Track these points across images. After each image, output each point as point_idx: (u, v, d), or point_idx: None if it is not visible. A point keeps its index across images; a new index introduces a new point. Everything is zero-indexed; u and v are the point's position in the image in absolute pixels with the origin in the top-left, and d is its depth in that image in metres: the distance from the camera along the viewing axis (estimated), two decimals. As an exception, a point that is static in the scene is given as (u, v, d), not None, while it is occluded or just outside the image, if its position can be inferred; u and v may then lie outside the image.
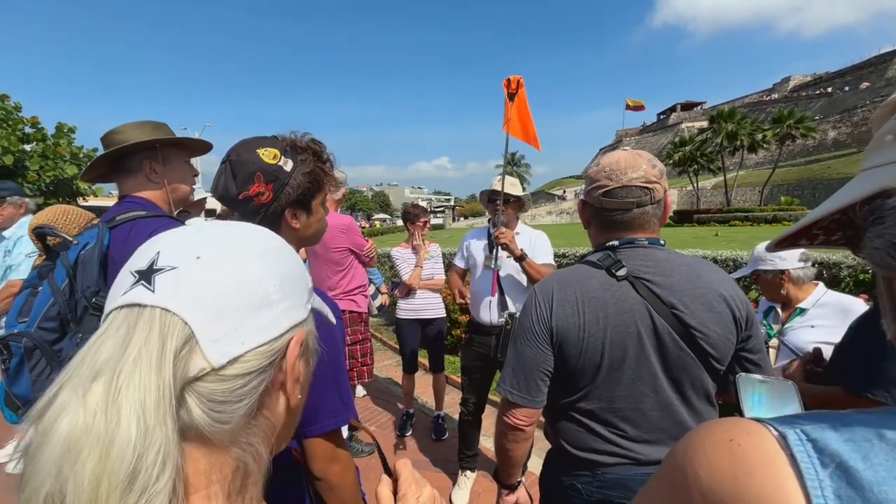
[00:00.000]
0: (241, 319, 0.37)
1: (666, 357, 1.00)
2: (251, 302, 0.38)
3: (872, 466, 0.28)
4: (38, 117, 6.76)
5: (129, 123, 1.40)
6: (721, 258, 4.63)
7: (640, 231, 1.07)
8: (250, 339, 0.38)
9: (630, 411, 1.02)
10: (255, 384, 0.38)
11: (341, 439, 0.93)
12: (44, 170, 6.47)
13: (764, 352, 1.08)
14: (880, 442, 0.29)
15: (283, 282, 0.42)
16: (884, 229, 0.33)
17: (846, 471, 0.29)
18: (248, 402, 0.38)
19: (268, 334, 0.39)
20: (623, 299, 1.00)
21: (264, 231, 0.46)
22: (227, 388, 0.36)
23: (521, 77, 2.47)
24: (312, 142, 0.99)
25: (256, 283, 0.39)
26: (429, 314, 3.32)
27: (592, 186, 1.08)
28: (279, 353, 0.40)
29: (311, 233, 1.02)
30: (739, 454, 0.33)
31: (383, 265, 6.80)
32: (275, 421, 0.43)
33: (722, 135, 36.21)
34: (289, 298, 0.42)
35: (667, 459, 0.40)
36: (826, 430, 0.31)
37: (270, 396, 0.41)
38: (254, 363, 0.38)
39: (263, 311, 0.39)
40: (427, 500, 0.54)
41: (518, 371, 1.06)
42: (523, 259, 2.31)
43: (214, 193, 0.96)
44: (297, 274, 0.45)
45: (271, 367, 0.40)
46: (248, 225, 0.45)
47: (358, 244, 2.74)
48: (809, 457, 0.30)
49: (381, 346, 5.68)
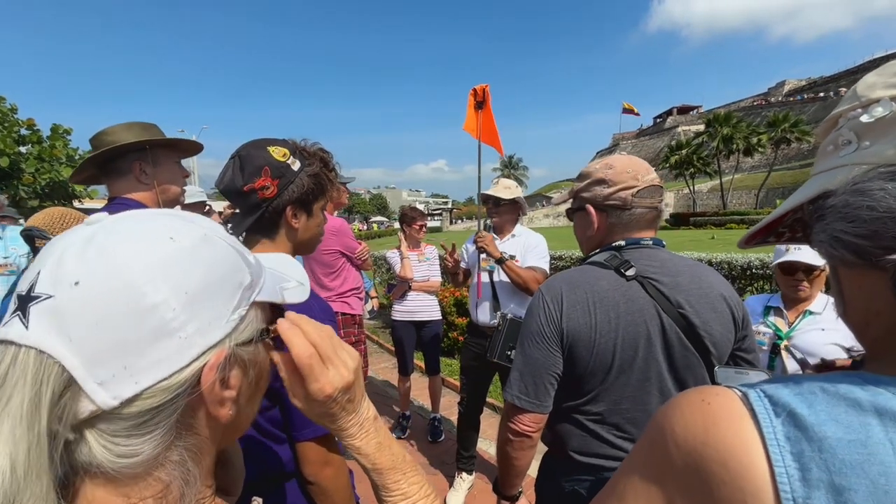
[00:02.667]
0: (132, 356, 0.33)
1: (672, 357, 1.00)
2: (142, 335, 0.33)
3: (815, 412, 0.34)
4: (33, 119, 6.75)
5: (118, 125, 1.40)
6: (717, 261, 4.65)
7: (651, 230, 1.09)
8: (145, 376, 0.33)
9: (637, 412, 1.01)
10: (162, 417, 0.35)
11: (334, 443, 0.92)
12: (39, 172, 6.45)
13: (756, 352, 1.09)
14: (822, 393, 0.36)
15: (191, 299, 0.35)
16: (825, 224, 0.39)
17: (793, 416, 0.35)
18: (158, 433, 0.35)
19: (168, 368, 0.34)
20: (633, 299, 1.00)
21: (173, 226, 0.38)
22: (128, 425, 0.33)
23: (488, 86, 2.60)
24: (321, 150, 1.02)
25: (149, 310, 0.33)
26: (423, 316, 3.31)
27: (619, 187, 1.05)
28: (189, 382, 0.35)
29: (308, 236, 1.03)
30: (708, 410, 0.39)
31: (379, 268, 6.79)
32: (206, 438, 0.40)
33: (718, 138, 36.46)
34: (199, 318, 0.36)
35: (648, 424, 0.46)
36: (780, 388, 0.37)
37: (193, 418, 0.38)
38: (155, 399, 0.34)
39: (161, 342, 0.34)
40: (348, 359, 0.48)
41: (526, 375, 1.03)
42: (502, 262, 2.31)
43: (219, 186, 0.97)
44: (216, 279, 0.38)
45: (182, 395, 0.35)
46: (152, 221, 0.38)
47: (349, 247, 2.71)
48: (766, 408, 0.36)
49: (377, 348, 5.67)
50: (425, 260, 3.38)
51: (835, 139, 0.42)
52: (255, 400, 0.46)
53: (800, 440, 0.34)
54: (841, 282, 0.43)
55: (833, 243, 0.39)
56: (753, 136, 36.41)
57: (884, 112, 0.37)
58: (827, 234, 0.39)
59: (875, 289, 0.38)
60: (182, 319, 0.35)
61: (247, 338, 0.41)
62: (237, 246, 0.42)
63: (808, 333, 1.70)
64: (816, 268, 1.68)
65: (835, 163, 0.41)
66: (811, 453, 0.33)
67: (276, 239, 0.97)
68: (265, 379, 0.47)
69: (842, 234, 0.38)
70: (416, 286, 3.29)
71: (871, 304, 0.39)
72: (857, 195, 0.36)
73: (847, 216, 0.37)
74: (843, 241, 0.38)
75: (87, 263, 0.33)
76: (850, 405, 0.34)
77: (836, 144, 0.41)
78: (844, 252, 0.38)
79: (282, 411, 0.90)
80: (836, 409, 0.34)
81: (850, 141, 0.40)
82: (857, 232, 0.36)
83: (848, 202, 0.37)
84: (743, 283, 4.45)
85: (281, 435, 0.92)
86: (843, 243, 0.38)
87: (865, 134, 0.39)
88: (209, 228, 0.40)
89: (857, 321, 0.42)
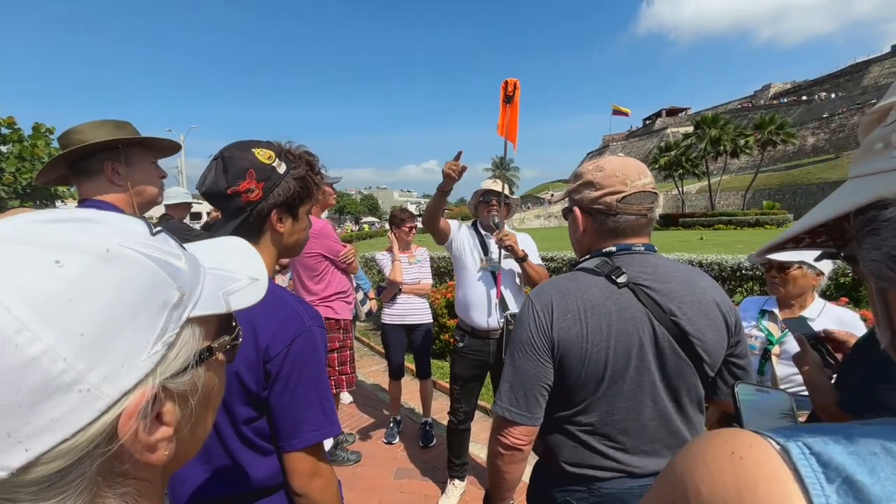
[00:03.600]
0: (14, 422, 0.26)
1: (664, 365, 0.98)
2: (22, 397, 0.26)
3: (880, 481, 0.28)
4: (14, 118, 6.59)
5: (89, 122, 1.34)
6: (706, 262, 4.69)
7: (641, 237, 1.06)
8: (37, 442, 0.27)
9: (629, 422, 1.00)
10: (74, 476, 0.29)
11: (323, 453, 0.90)
12: (20, 172, 6.30)
13: (749, 357, 1.08)
14: (886, 455, 0.29)
15: (90, 342, 0.28)
16: (880, 241, 0.32)
17: (853, 485, 0.28)
18: (73, 491, 0.29)
19: (68, 428, 0.28)
20: (625, 307, 0.98)
21: (65, 240, 0.30)
22: (31, 490, 0.28)
23: (518, 80, 2.48)
24: (307, 153, 1.00)
25: (27, 366, 0.26)
26: (414, 320, 3.27)
27: (605, 192, 1.03)
28: (102, 437, 0.29)
29: (293, 241, 1.00)
30: (742, 468, 0.32)
31: (370, 269, 6.75)
32: (143, 479, 0.35)
33: (706, 140, 36.95)
34: (105, 361, 0.29)
35: (664, 473, 0.39)
36: (829, 444, 0.30)
37: (121, 465, 0.32)
38: (59, 463, 0.28)
39: (52, 400, 0.27)
40: None
41: (516, 387, 1.00)
42: (524, 260, 2.27)
43: (200, 189, 0.94)
44: (127, 307, 0.30)
45: (95, 453, 0.29)
46: (35, 235, 0.30)
47: (332, 250, 2.64)
48: (814, 471, 0.29)
49: (368, 351, 5.62)
50: (416, 262, 3.34)
51: (885, 136, 0.34)
52: (206, 419, 0.41)
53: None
54: (890, 307, 0.36)
55: (890, 263, 0.32)
56: (740, 138, 36.95)
57: None
58: (882, 253, 0.33)
59: None
60: (79, 369, 0.28)
61: (180, 367, 0.34)
62: (158, 253, 0.34)
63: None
64: (789, 265, 1.68)
65: (889, 164, 0.33)
66: None
67: (261, 243, 0.94)
68: (217, 396, 0.42)
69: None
70: (406, 289, 3.25)
71: None
72: None
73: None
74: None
75: None
76: None
77: (887, 142, 0.34)
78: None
79: (269, 422, 0.87)
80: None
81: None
82: None
83: None
84: (733, 285, 4.49)
85: (268, 447, 0.89)
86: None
87: None
88: (119, 237, 0.32)
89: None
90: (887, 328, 0.36)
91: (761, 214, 28.25)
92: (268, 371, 0.84)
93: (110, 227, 0.33)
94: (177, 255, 0.36)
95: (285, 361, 0.84)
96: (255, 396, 0.85)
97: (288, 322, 0.87)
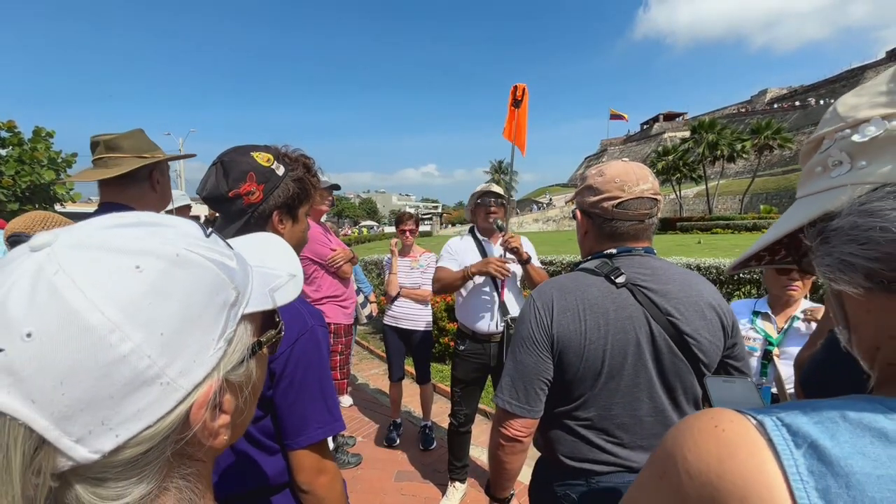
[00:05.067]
0: (107, 410, 0.29)
1: (661, 363, 1.01)
2: (115, 390, 0.29)
3: (839, 444, 0.32)
4: (14, 121, 6.59)
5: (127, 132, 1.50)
6: (705, 265, 4.72)
7: (641, 241, 1.09)
8: (126, 429, 0.30)
9: (626, 418, 1.02)
10: (152, 457, 0.33)
11: (328, 450, 0.91)
12: (20, 175, 6.30)
13: (746, 359, 1.11)
14: (844, 422, 0.33)
15: (168, 340, 0.31)
16: (831, 248, 0.38)
17: (816, 448, 0.33)
18: (149, 471, 0.33)
19: (151, 416, 0.31)
20: (623, 306, 1.01)
21: (141, 247, 0.33)
22: (116, 471, 0.31)
23: (526, 85, 2.52)
24: (303, 156, 1.02)
25: (119, 362, 0.29)
26: (407, 325, 3.20)
27: (602, 197, 1.06)
28: (177, 424, 0.33)
29: (293, 242, 1.02)
30: (723, 438, 0.36)
31: (370, 273, 6.75)
32: (202, 461, 0.38)
33: (703, 145, 37.16)
34: (181, 358, 0.32)
35: (657, 449, 0.44)
36: (798, 415, 0.35)
37: (187, 449, 0.35)
38: (142, 447, 0.31)
39: (139, 392, 0.30)
40: None
41: (517, 380, 1.04)
42: (528, 262, 2.28)
43: (201, 193, 0.96)
44: (196, 308, 0.34)
45: (171, 438, 0.33)
46: (114, 241, 0.32)
47: (319, 254, 2.60)
48: (785, 439, 0.34)
49: (368, 354, 5.62)
50: (418, 267, 3.28)
51: (823, 160, 0.41)
52: (251, 409, 0.45)
53: (825, 475, 0.32)
54: (846, 307, 0.41)
55: (842, 267, 0.37)
56: (737, 142, 37.18)
57: (877, 131, 0.37)
58: (834, 258, 0.37)
59: (887, 312, 0.37)
60: (161, 365, 0.31)
61: (238, 360, 0.38)
62: (216, 255, 0.37)
63: (797, 339, 1.73)
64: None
65: (828, 184, 0.40)
66: (838, 490, 0.31)
67: None
68: (259, 387, 0.46)
69: (851, 258, 0.36)
70: (405, 293, 3.22)
71: (884, 327, 0.38)
72: (867, 216, 0.35)
73: (857, 238, 0.36)
74: (853, 265, 0.36)
75: (38, 308, 0.28)
76: (876, 436, 0.32)
77: (825, 166, 0.41)
78: (854, 276, 0.36)
79: (274, 420, 0.88)
80: (861, 440, 0.32)
81: (842, 161, 0.39)
82: (869, 255, 0.35)
83: (857, 224, 0.36)
84: (731, 288, 4.51)
85: (273, 445, 0.90)
86: (853, 267, 0.36)
87: (859, 154, 0.38)
88: (184, 241, 0.35)
89: (867, 346, 0.40)
90: (844, 327, 0.42)
91: (758, 219, 28.34)
92: (272, 370, 0.85)
93: (175, 230, 0.36)
94: (229, 256, 0.39)
95: (289, 361, 0.86)
96: (260, 395, 0.86)
97: (291, 322, 0.88)
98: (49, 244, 0.31)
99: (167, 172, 1.59)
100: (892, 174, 0.35)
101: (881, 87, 0.38)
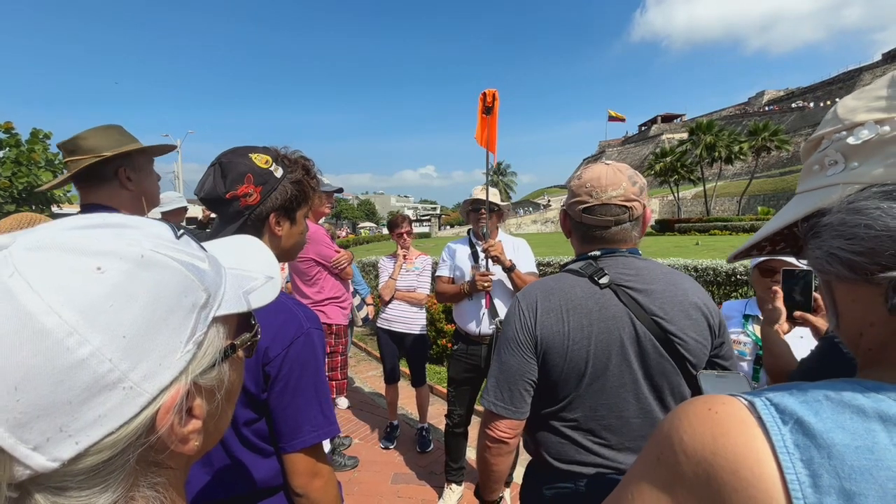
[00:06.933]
0: (66, 417, 0.28)
1: (647, 364, 1.01)
2: (73, 395, 0.28)
3: (822, 420, 0.36)
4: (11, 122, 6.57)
5: (92, 129, 1.39)
6: (702, 267, 4.72)
7: (619, 244, 1.09)
8: (86, 435, 0.29)
9: (613, 419, 1.02)
10: (116, 465, 0.31)
11: (323, 454, 0.91)
12: (16, 176, 6.27)
13: (734, 358, 1.11)
14: (827, 401, 0.37)
15: (131, 343, 0.30)
16: (821, 242, 0.41)
17: (801, 424, 0.36)
18: (114, 479, 0.32)
19: (113, 422, 0.30)
20: (607, 307, 1.01)
21: (104, 247, 0.32)
22: (77, 479, 0.30)
23: (497, 90, 2.52)
24: (302, 157, 1.02)
25: (77, 367, 0.28)
26: (400, 328, 3.19)
27: (573, 201, 1.09)
28: (142, 430, 0.32)
29: (291, 244, 1.02)
30: (716, 419, 0.40)
31: (368, 274, 6.75)
32: (173, 469, 0.37)
33: (701, 146, 37.25)
34: (145, 360, 0.31)
35: (653, 434, 0.46)
36: (785, 396, 0.39)
37: (155, 456, 0.34)
38: (104, 454, 0.30)
39: (99, 397, 0.29)
40: None
41: (502, 382, 1.04)
42: (512, 270, 2.31)
43: (198, 194, 0.96)
44: (162, 310, 0.32)
45: (135, 444, 0.32)
46: (76, 241, 0.32)
47: (323, 255, 2.62)
48: (773, 417, 0.37)
49: (365, 356, 5.61)
50: (413, 269, 3.28)
51: (820, 159, 0.44)
52: (228, 413, 0.43)
53: (809, 447, 0.35)
54: (834, 295, 0.45)
55: (829, 259, 0.40)
56: (735, 144, 37.26)
57: (870, 135, 0.39)
58: (823, 251, 0.41)
59: (869, 302, 0.40)
60: (123, 368, 0.30)
61: (209, 364, 0.36)
62: (185, 256, 0.36)
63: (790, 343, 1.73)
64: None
65: (824, 181, 0.43)
66: (821, 460, 0.34)
67: None
68: (236, 392, 0.44)
69: (838, 251, 0.39)
70: (399, 295, 3.22)
71: (866, 316, 0.41)
72: (854, 214, 0.38)
73: (844, 234, 0.39)
74: (839, 258, 0.39)
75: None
76: (855, 412, 0.35)
77: (822, 164, 0.44)
78: (840, 268, 0.39)
79: (269, 423, 0.88)
80: (841, 416, 0.36)
81: (837, 161, 0.42)
82: (854, 249, 0.38)
83: (844, 220, 0.39)
84: (728, 289, 4.52)
85: (268, 448, 0.90)
86: (839, 259, 0.39)
87: (853, 155, 0.41)
88: (150, 242, 0.34)
89: (851, 332, 0.43)
90: (833, 314, 0.46)
91: (756, 220, 28.39)
92: (267, 373, 0.85)
93: (141, 231, 0.35)
94: (201, 258, 0.38)
95: (284, 363, 0.85)
96: (254, 398, 0.86)
97: (286, 324, 0.88)
98: (6, 246, 0.31)
99: (145, 168, 1.46)
100: (881, 176, 0.38)
101: (879, 92, 0.41)
